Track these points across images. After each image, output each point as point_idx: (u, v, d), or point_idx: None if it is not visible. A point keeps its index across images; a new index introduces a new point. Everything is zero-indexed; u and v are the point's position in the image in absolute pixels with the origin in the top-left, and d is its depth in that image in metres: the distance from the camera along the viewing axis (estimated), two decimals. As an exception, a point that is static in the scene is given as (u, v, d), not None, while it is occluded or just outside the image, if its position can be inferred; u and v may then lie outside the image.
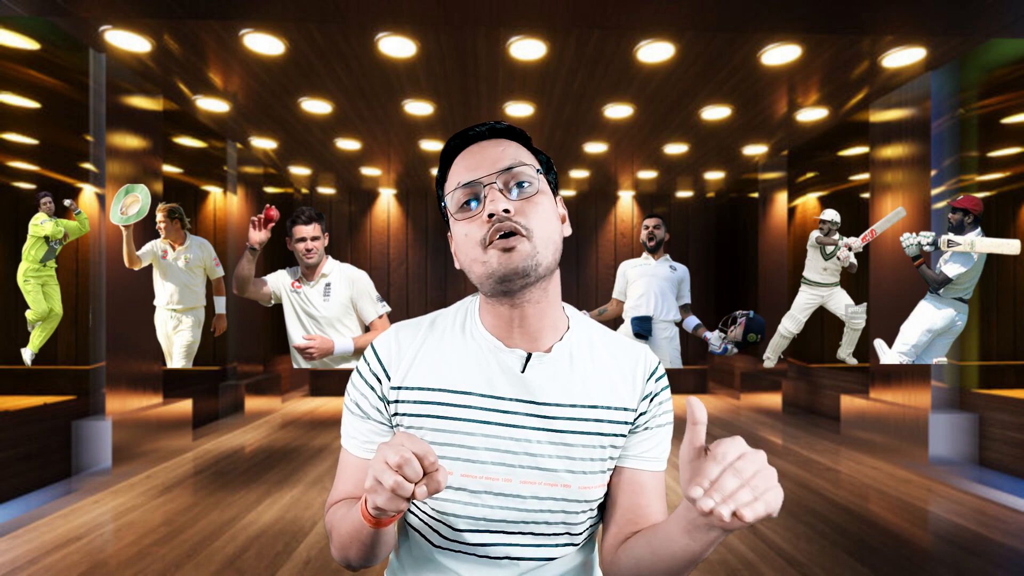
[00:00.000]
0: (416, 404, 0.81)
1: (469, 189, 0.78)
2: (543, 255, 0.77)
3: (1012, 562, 2.41)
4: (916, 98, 4.03)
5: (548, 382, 0.80)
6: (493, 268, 0.76)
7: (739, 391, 6.84)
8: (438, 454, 0.79)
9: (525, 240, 0.75)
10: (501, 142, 0.82)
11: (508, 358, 0.81)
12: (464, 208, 0.79)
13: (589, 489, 0.80)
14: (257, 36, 3.45)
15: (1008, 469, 3.58)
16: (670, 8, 3.14)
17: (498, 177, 0.78)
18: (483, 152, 0.80)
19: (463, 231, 0.79)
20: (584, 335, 0.86)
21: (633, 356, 0.86)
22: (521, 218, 0.76)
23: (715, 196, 7.93)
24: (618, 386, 0.83)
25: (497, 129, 0.84)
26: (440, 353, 0.83)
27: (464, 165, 0.81)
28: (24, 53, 3.45)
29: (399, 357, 0.83)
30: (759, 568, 2.33)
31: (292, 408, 6.23)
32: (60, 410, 3.45)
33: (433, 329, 0.86)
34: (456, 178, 0.81)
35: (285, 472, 3.71)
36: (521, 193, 0.78)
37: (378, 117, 4.87)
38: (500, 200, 0.76)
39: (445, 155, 0.85)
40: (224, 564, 2.34)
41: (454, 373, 0.81)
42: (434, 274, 7.64)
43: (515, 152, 0.81)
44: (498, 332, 0.82)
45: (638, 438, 0.84)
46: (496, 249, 0.75)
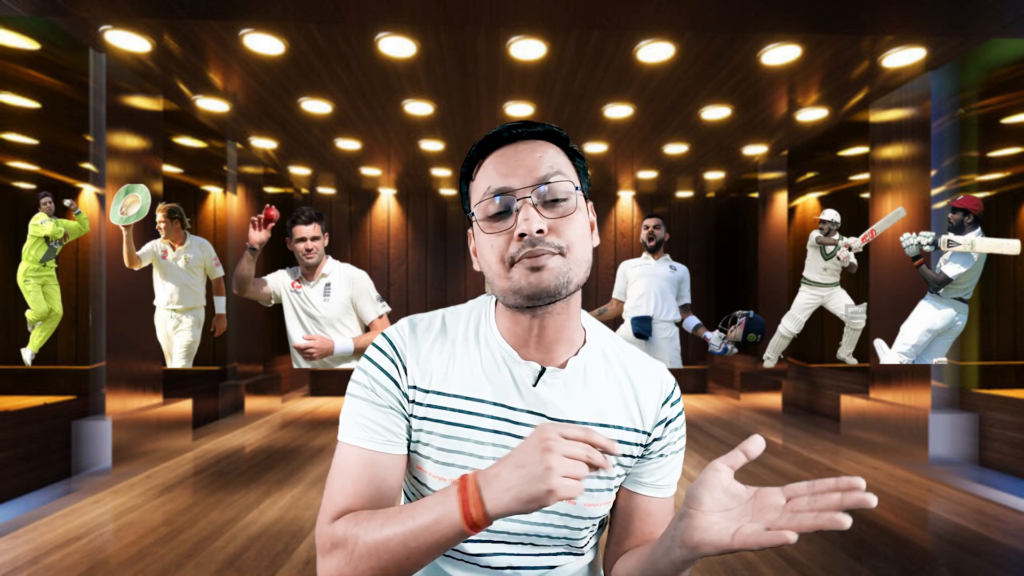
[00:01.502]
0: (428, 408, 0.78)
1: (501, 199, 0.73)
2: (575, 272, 0.73)
3: (1012, 562, 2.41)
4: (916, 98, 4.03)
5: (560, 398, 0.78)
6: (520, 286, 0.72)
7: (739, 391, 6.84)
8: (446, 461, 0.77)
9: (558, 256, 0.72)
10: (539, 146, 0.77)
11: (522, 370, 0.78)
12: (494, 219, 0.74)
13: (594, 506, 0.80)
14: (257, 36, 3.45)
15: (1008, 469, 3.58)
16: (670, 8, 3.14)
17: (533, 191, 0.73)
18: (518, 156, 0.75)
19: (489, 242, 0.74)
20: (599, 350, 0.83)
21: (649, 377, 0.83)
22: (555, 238, 0.72)
23: (715, 196, 7.93)
24: (631, 407, 0.81)
25: (536, 131, 0.78)
26: (453, 358, 0.80)
27: (497, 168, 0.75)
28: (24, 53, 3.45)
29: (416, 354, 0.79)
30: (759, 568, 2.33)
31: (292, 408, 6.23)
32: (60, 410, 3.45)
33: (446, 331, 0.82)
34: (487, 180, 0.75)
35: (285, 472, 3.71)
36: (557, 209, 0.73)
37: (378, 117, 4.87)
38: (535, 219, 0.71)
39: (474, 154, 0.80)
40: (224, 564, 2.34)
41: (467, 380, 0.78)
42: (434, 274, 7.64)
43: (553, 159, 0.76)
44: (514, 340, 0.79)
45: (652, 465, 0.83)
46: (524, 268, 0.72)
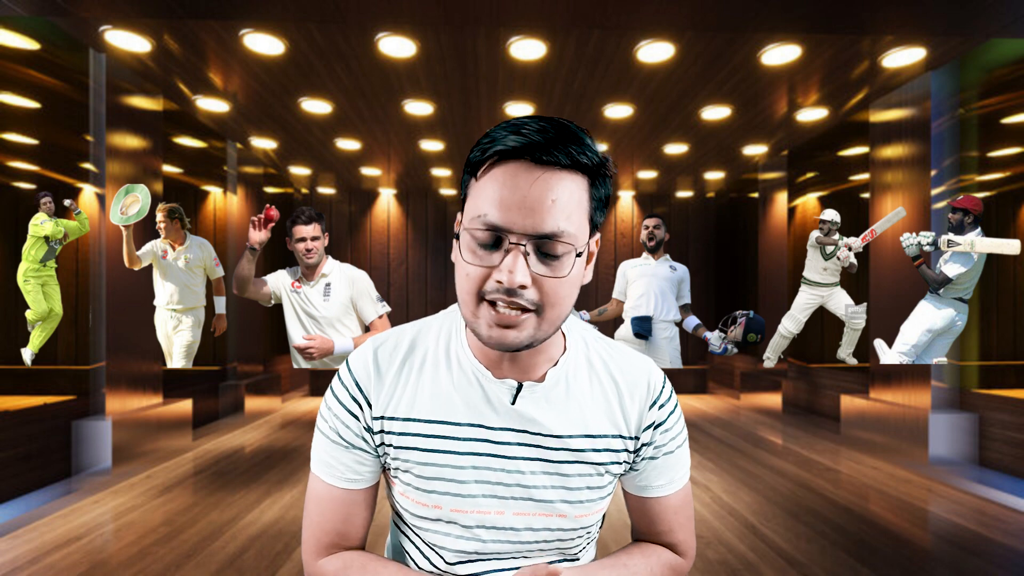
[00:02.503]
0: (400, 436, 0.74)
1: (491, 233, 0.65)
2: (545, 331, 0.68)
3: (1012, 562, 2.41)
4: (916, 98, 4.03)
5: (541, 412, 0.74)
6: (482, 333, 0.67)
7: (739, 391, 6.84)
8: (427, 488, 0.75)
9: (532, 315, 0.66)
10: (558, 183, 0.64)
11: (497, 389, 0.74)
12: (479, 249, 0.66)
13: (586, 516, 0.78)
14: (257, 36, 3.45)
15: (1008, 469, 3.58)
16: (670, 8, 3.14)
17: (530, 242, 0.64)
18: (530, 190, 0.63)
19: (466, 271, 0.67)
20: (583, 357, 0.79)
21: (635, 379, 0.79)
22: (535, 295, 0.65)
23: (715, 196, 7.93)
24: (615, 413, 0.77)
25: (563, 163, 0.64)
26: (422, 380, 0.76)
27: (499, 195, 0.64)
28: (24, 53, 3.45)
29: (379, 383, 0.75)
30: (759, 568, 2.33)
31: (292, 408, 6.23)
32: (60, 410, 3.45)
33: (414, 352, 0.77)
34: (484, 206, 0.65)
35: (285, 472, 3.71)
36: (549, 266, 0.65)
37: (378, 117, 4.87)
38: (520, 272, 0.63)
39: (481, 156, 0.67)
40: (224, 564, 2.34)
41: (439, 403, 0.74)
42: (434, 274, 7.64)
43: (564, 207, 0.64)
44: (486, 360, 0.75)
45: (650, 467, 0.81)
46: (490, 315, 0.66)
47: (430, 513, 0.76)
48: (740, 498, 3.22)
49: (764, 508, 3.05)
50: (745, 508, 3.05)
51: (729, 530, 2.74)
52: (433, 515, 0.76)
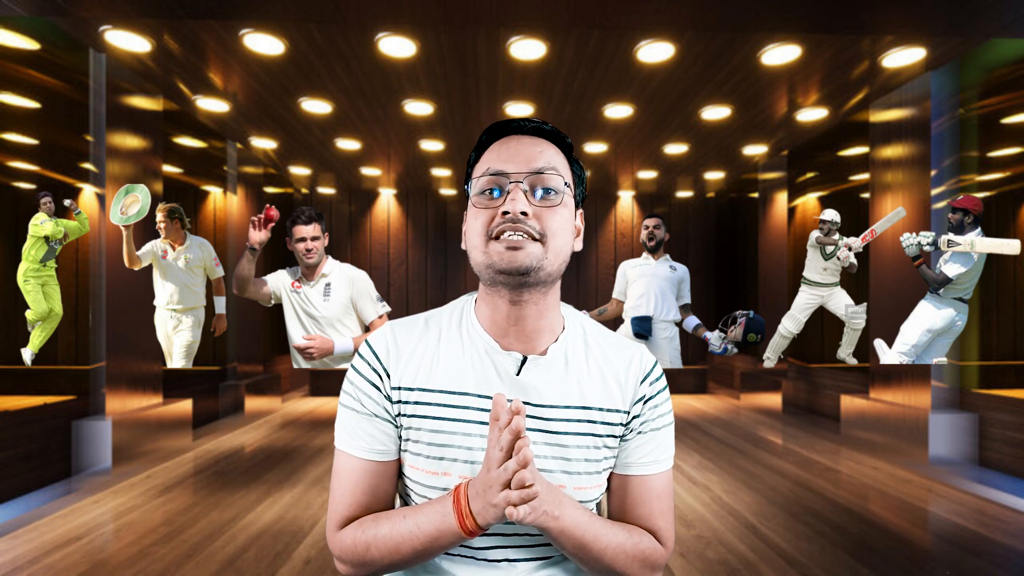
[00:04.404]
0: (415, 405, 0.80)
1: (495, 179, 0.79)
2: (549, 261, 0.78)
3: (1012, 562, 2.41)
4: (916, 98, 4.03)
5: (543, 384, 0.80)
6: (494, 261, 0.77)
7: (739, 391, 6.84)
8: (437, 455, 0.79)
9: (536, 242, 0.77)
10: (541, 142, 0.82)
11: (504, 360, 0.81)
12: (485, 195, 0.79)
13: (584, 490, 0.81)
14: (257, 36, 3.45)
15: (1008, 469, 3.58)
16: (670, 8, 3.14)
17: (527, 177, 0.78)
18: (520, 146, 0.81)
19: (476, 215, 0.80)
20: (580, 336, 0.86)
21: (626, 357, 0.86)
22: (537, 223, 0.77)
23: (715, 196, 7.93)
24: (611, 387, 0.83)
25: (543, 129, 0.84)
26: (437, 353, 0.83)
27: (498, 153, 0.81)
28: (24, 53, 3.45)
29: (397, 356, 0.82)
30: (759, 568, 2.33)
31: (292, 408, 6.23)
32: (60, 410, 3.45)
33: (428, 328, 0.85)
34: (487, 163, 0.81)
35: (285, 472, 3.71)
36: (545, 199, 0.79)
37: (378, 117, 4.87)
38: (521, 201, 0.76)
39: (483, 139, 0.85)
40: (224, 564, 2.34)
41: (451, 374, 0.81)
42: (434, 274, 7.64)
43: (551, 157, 0.81)
44: (494, 331, 0.82)
45: (635, 443, 0.84)
46: (501, 246, 0.76)
47: (439, 482, 0.79)
48: (740, 498, 3.22)
49: (764, 508, 3.05)
50: (745, 508, 3.05)
51: (729, 530, 2.74)
52: (442, 484, 0.79)
